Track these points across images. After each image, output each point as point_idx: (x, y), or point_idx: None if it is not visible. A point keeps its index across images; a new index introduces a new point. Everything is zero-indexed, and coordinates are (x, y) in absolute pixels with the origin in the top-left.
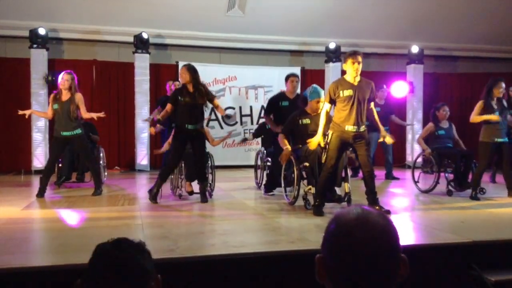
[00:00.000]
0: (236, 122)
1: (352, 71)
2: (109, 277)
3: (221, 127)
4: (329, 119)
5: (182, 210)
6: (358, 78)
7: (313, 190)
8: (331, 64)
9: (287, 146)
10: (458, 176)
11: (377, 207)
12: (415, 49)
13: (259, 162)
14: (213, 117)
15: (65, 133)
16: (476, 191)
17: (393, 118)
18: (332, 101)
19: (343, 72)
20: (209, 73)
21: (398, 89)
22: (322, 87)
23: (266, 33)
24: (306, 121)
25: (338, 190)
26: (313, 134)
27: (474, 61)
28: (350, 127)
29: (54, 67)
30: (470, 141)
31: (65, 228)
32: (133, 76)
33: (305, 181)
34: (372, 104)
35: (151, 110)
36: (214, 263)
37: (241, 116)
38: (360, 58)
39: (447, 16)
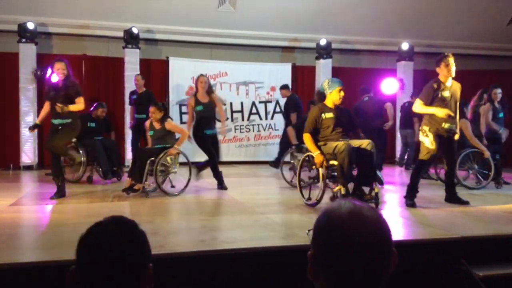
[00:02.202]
0: (227, 118)
1: (447, 72)
2: (108, 255)
3: None
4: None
5: (172, 206)
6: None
7: (343, 190)
8: (322, 60)
9: (318, 152)
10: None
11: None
12: (405, 46)
13: (289, 159)
14: None
15: None
16: None
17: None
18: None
19: (334, 69)
20: (200, 69)
21: (389, 86)
22: (313, 83)
23: (257, 29)
24: (329, 114)
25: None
26: (336, 129)
27: (464, 58)
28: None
29: (43, 62)
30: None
31: (53, 224)
32: (123, 72)
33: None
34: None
35: None
36: (204, 259)
37: (232, 112)
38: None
39: (437, 13)
